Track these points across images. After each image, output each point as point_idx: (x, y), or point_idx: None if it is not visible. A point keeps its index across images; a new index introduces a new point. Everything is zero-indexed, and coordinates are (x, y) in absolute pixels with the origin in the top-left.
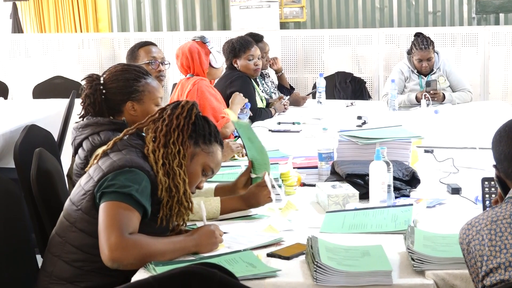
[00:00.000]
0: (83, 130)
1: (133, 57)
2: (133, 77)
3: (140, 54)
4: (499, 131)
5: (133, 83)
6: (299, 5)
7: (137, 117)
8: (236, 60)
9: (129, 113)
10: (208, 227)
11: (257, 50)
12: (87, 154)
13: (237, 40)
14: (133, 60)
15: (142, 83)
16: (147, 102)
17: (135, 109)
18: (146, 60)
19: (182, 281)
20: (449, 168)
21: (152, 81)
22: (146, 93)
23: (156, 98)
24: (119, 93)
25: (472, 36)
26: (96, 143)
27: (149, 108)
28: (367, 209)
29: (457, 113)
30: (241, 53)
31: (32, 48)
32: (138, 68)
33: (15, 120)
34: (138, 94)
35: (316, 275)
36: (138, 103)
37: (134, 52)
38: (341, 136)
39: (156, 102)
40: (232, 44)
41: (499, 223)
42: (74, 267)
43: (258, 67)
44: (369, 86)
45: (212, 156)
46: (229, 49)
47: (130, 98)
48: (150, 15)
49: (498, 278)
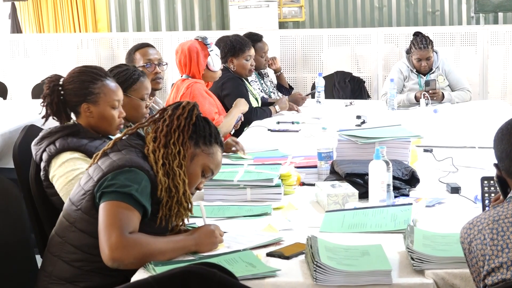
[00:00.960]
0: (40, 144)
1: (130, 60)
2: (89, 79)
3: (136, 57)
4: (501, 129)
5: (88, 85)
6: (298, 5)
7: (93, 119)
8: (233, 59)
9: (85, 115)
10: (208, 227)
11: (253, 51)
12: (45, 164)
13: (236, 39)
14: (130, 63)
15: (98, 85)
16: (102, 104)
17: (90, 111)
18: (142, 62)
19: (181, 281)
20: (448, 167)
21: (110, 83)
22: (102, 95)
23: (111, 100)
24: (75, 94)
25: (471, 35)
26: (53, 152)
27: (104, 111)
28: (367, 209)
29: (456, 112)
30: (240, 52)
31: (31, 48)
32: (95, 70)
33: (14, 120)
34: (94, 96)
35: (315, 275)
36: (94, 105)
37: (131, 55)
38: (340, 136)
39: (112, 105)
40: (230, 43)
41: (501, 222)
42: (74, 267)
43: (253, 67)
44: (368, 86)
45: (212, 157)
46: (227, 47)
47: (86, 100)
48: (149, 15)
49: (500, 277)
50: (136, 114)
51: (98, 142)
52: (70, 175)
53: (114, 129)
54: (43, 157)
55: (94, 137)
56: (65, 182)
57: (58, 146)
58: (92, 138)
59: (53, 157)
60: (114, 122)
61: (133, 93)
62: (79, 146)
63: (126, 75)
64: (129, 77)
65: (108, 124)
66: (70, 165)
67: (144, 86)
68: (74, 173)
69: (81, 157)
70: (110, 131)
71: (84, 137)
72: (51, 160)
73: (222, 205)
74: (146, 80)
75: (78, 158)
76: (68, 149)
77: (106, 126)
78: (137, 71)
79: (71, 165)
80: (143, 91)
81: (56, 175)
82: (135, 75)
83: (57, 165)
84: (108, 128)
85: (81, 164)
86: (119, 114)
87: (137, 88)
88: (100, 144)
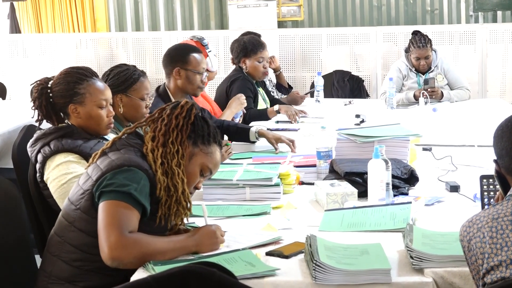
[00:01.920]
0: (34, 146)
1: (185, 61)
2: (74, 79)
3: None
4: (501, 126)
5: (74, 86)
6: (296, 4)
7: (81, 120)
8: (245, 60)
9: (73, 116)
10: (209, 227)
11: (267, 53)
12: (40, 166)
13: (249, 40)
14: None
15: (84, 85)
16: (89, 104)
17: (78, 112)
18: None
19: (180, 281)
20: (447, 166)
21: (96, 82)
22: (87, 95)
23: (98, 100)
24: (61, 96)
25: (470, 34)
26: (47, 153)
27: (91, 111)
28: (366, 207)
29: (455, 111)
30: (252, 53)
31: (30, 48)
32: (81, 71)
33: (13, 121)
34: (80, 96)
35: (315, 274)
36: (80, 106)
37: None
38: (339, 135)
39: (99, 104)
40: (244, 43)
41: (500, 220)
42: (73, 266)
43: (267, 70)
44: (367, 85)
45: (211, 157)
46: (240, 47)
47: (72, 101)
48: (148, 15)
49: (499, 276)
50: (136, 114)
51: (93, 142)
52: (63, 179)
53: (103, 128)
54: (38, 159)
55: (88, 137)
56: (58, 185)
57: (53, 147)
58: (86, 138)
59: (48, 158)
60: (102, 122)
61: (133, 93)
62: (74, 147)
63: (126, 75)
64: (129, 77)
65: (96, 124)
66: (64, 169)
67: (144, 86)
68: (66, 177)
69: (75, 160)
70: (99, 131)
71: (78, 137)
72: (46, 161)
73: (221, 205)
74: (146, 80)
75: (72, 161)
76: (62, 150)
77: (95, 126)
78: (137, 71)
79: (64, 169)
80: (143, 91)
81: (50, 177)
82: (135, 75)
83: (51, 168)
84: (97, 128)
85: (74, 168)
86: (107, 113)
87: (137, 88)
88: (95, 145)
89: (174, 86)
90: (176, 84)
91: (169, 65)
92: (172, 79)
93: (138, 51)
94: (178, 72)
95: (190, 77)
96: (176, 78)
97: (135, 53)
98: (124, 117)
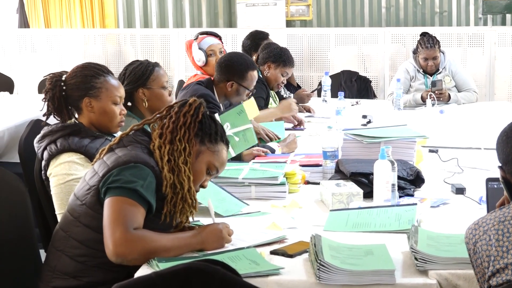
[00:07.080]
0: (41, 142)
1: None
2: (92, 73)
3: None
4: (505, 131)
5: (91, 79)
6: (305, 4)
7: (94, 115)
8: (271, 65)
9: (87, 110)
10: (216, 226)
11: (292, 71)
12: (45, 163)
13: (286, 51)
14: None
15: (101, 80)
16: (104, 99)
17: (92, 106)
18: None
19: (184, 278)
20: (453, 168)
21: (112, 79)
22: (104, 90)
23: (113, 96)
24: (77, 88)
25: (479, 37)
26: (53, 151)
27: (106, 106)
28: (371, 208)
29: (462, 113)
30: (282, 64)
31: (38, 43)
32: (98, 66)
33: (20, 115)
34: (96, 90)
35: (319, 273)
36: (95, 100)
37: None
38: (346, 135)
39: (114, 100)
40: (280, 51)
41: (507, 223)
42: (78, 262)
43: (283, 85)
44: (374, 85)
45: (217, 155)
46: (272, 52)
47: (88, 94)
48: (156, 12)
49: (504, 278)
50: (160, 103)
51: (100, 141)
52: (62, 179)
53: (114, 125)
54: (44, 156)
55: (95, 135)
56: (57, 183)
57: (59, 146)
58: (94, 137)
59: (53, 157)
60: (115, 118)
61: (153, 83)
62: (80, 147)
63: (142, 69)
64: (145, 70)
65: (109, 120)
66: (66, 169)
67: (161, 74)
68: (66, 177)
69: (79, 161)
70: (110, 128)
71: (86, 136)
72: (51, 159)
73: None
74: (161, 69)
75: (75, 162)
76: (69, 150)
77: (107, 122)
78: (150, 63)
79: (66, 169)
80: (161, 79)
81: (52, 173)
82: (150, 66)
83: (55, 165)
84: (109, 124)
85: (76, 170)
86: (120, 111)
87: (155, 78)
88: (101, 144)
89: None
90: (223, 93)
91: (225, 74)
92: (222, 86)
93: (146, 48)
94: (231, 85)
95: (240, 91)
96: (228, 89)
97: (143, 50)
98: (150, 111)
